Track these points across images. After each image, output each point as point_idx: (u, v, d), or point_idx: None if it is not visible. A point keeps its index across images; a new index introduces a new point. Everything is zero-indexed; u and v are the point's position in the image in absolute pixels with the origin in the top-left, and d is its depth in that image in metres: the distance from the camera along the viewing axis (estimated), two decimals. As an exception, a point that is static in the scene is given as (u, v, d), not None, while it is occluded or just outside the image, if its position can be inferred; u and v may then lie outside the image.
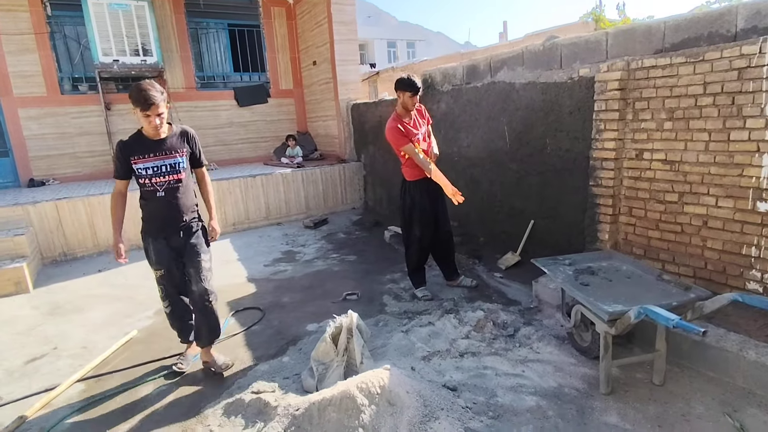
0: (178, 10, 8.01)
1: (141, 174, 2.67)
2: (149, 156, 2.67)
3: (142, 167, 2.66)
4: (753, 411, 2.24)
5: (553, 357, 2.85)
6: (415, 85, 3.57)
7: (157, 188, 2.70)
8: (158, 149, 2.69)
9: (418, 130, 3.70)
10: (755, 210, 2.78)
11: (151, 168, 2.67)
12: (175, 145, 2.74)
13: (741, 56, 2.71)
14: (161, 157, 2.69)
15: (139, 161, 2.65)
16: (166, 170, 2.70)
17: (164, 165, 2.69)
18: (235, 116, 8.71)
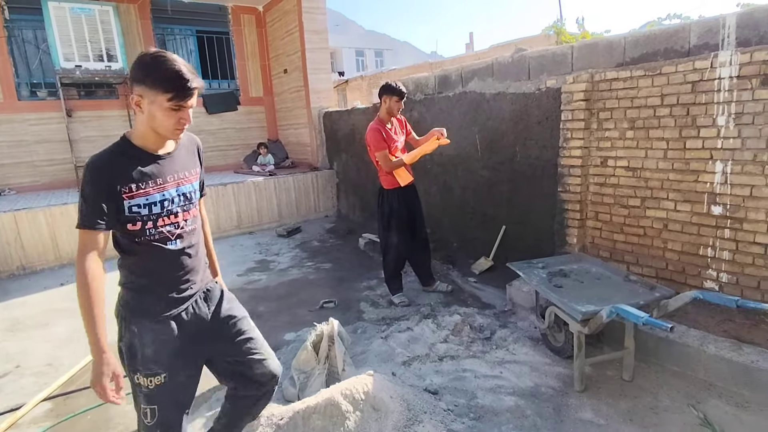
0: (144, 16, 7.84)
1: (136, 216, 1.51)
2: (153, 183, 1.53)
3: (143, 203, 1.51)
4: (714, 402, 2.39)
5: (529, 358, 2.95)
6: (401, 91, 3.68)
7: (168, 236, 1.60)
8: (167, 171, 1.58)
9: (397, 139, 3.78)
10: (710, 213, 2.97)
11: (158, 203, 1.55)
12: (187, 163, 1.69)
13: (694, 70, 2.91)
14: (172, 184, 1.60)
15: (135, 194, 1.49)
16: (179, 204, 1.62)
17: (177, 196, 1.61)
18: (204, 124, 8.56)
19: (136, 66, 1.45)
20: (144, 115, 1.47)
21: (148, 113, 1.46)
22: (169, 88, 1.43)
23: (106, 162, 1.47)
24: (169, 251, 1.61)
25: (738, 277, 2.90)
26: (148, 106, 1.45)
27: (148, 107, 1.45)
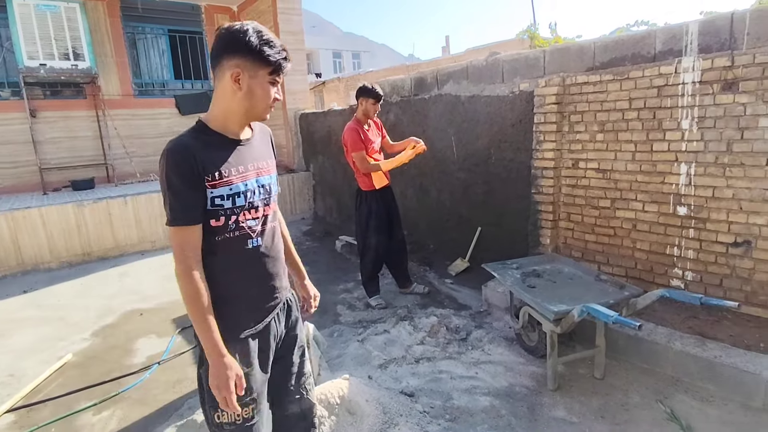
0: (113, 14, 7.63)
1: (219, 210, 1.32)
2: (235, 171, 1.35)
3: (226, 193, 1.32)
4: (681, 397, 2.46)
5: (504, 358, 2.98)
6: (377, 93, 3.70)
7: (249, 233, 1.39)
8: (247, 158, 1.40)
9: (374, 141, 3.78)
10: (676, 214, 3.07)
11: (242, 194, 1.35)
12: (264, 152, 1.49)
13: (660, 75, 3.01)
14: (253, 173, 1.40)
15: (218, 183, 1.30)
16: (260, 196, 1.42)
17: (258, 188, 1.41)
18: (177, 125, 8.36)
19: (233, 38, 1.27)
20: (241, 93, 1.29)
21: (247, 89, 1.29)
22: (272, 60, 1.28)
23: (187, 146, 1.27)
24: (251, 251, 1.39)
25: (702, 275, 3.00)
26: (248, 81, 1.28)
27: (248, 82, 1.28)
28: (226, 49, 1.27)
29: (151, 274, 5.21)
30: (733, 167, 2.78)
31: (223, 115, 1.35)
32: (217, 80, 1.32)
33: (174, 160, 1.25)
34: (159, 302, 4.36)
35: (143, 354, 3.36)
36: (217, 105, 1.35)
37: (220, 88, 1.32)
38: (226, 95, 1.31)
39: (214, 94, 1.35)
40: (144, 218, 6.08)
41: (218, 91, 1.32)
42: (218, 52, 1.29)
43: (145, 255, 5.97)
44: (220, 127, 1.35)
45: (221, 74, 1.29)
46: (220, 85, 1.31)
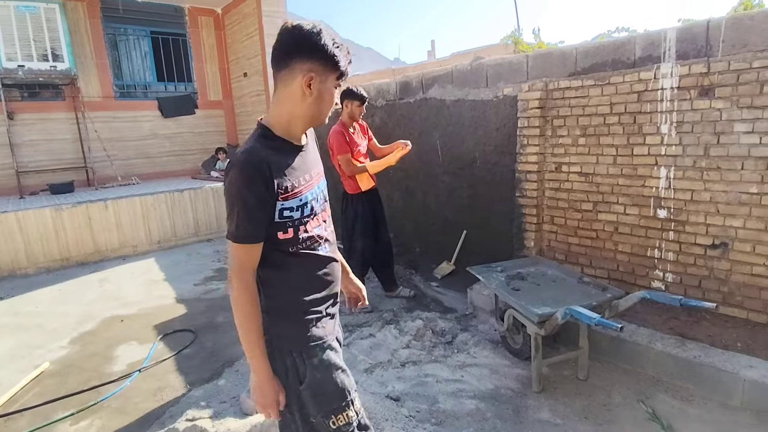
0: (94, 15, 7.50)
1: (287, 222, 1.27)
2: (303, 180, 1.30)
3: (296, 205, 1.27)
4: (662, 397, 2.50)
5: (489, 360, 2.99)
6: (362, 96, 3.70)
7: (318, 240, 1.35)
8: (310, 165, 1.36)
9: (360, 144, 3.78)
10: (656, 216, 3.13)
11: (309, 203, 1.31)
12: (317, 157, 1.46)
13: (639, 81, 3.07)
14: (316, 179, 1.38)
15: (289, 195, 1.25)
16: (320, 203, 1.39)
17: (319, 193, 1.39)
18: (160, 128, 8.27)
19: (307, 40, 1.19)
20: (311, 98, 1.24)
21: (318, 95, 1.24)
22: (341, 66, 1.25)
23: (262, 160, 1.19)
24: (323, 258, 1.36)
25: (682, 277, 3.06)
26: (318, 85, 1.23)
27: (318, 87, 1.23)
28: (299, 51, 1.20)
29: (133, 280, 5.11)
30: (710, 171, 2.84)
31: (287, 120, 1.28)
32: (281, 82, 1.24)
33: (249, 175, 1.17)
34: (141, 308, 4.28)
35: (124, 361, 3.29)
36: (281, 108, 1.27)
37: (286, 92, 1.24)
38: (295, 99, 1.24)
39: (276, 97, 1.27)
40: (125, 222, 5.97)
41: (283, 94, 1.25)
42: (288, 52, 1.21)
43: (126, 260, 5.86)
44: (284, 132, 1.29)
45: (290, 76, 1.22)
46: (286, 88, 1.24)
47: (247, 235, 1.21)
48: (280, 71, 1.23)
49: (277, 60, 1.24)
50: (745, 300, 2.81)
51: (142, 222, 6.11)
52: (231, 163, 1.20)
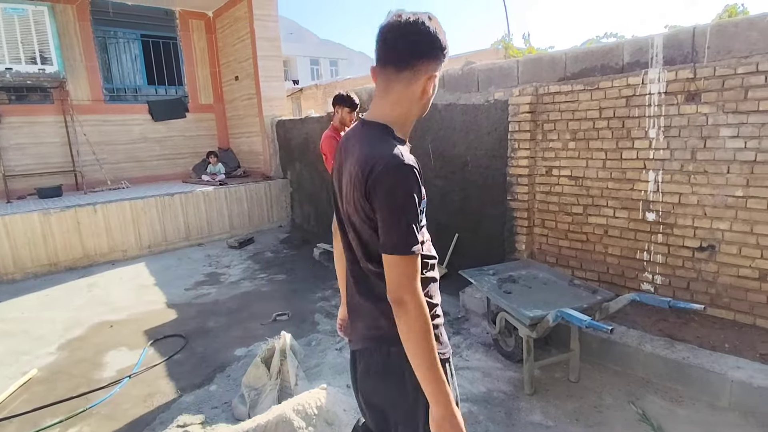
0: (83, 17, 7.44)
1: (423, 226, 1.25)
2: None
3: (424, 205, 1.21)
4: (651, 398, 2.53)
5: (481, 363, 3.00)
6: (353, 102, 3.73)
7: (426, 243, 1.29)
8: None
9: (351, 148, 3.79)
10: (645, 219, 3.17)
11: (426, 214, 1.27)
12: None
13: (628, 86, 3.11)
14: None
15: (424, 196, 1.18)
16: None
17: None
18: (150, 131, 8.20)
19: (433, 40, 1.12)
20: (426, 97, 1.18)
21: (431, 93, 1.19)
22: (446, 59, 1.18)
23: (413, 159, 1.11)
24: (432, 264, 1.29)
25: (670, 279, 3.10)
26: (433, 83, 1.17)
27: (431, 85, 1.17)
28: (431, 50, 1.13)
29: (123, 285, 5.05)
30: (697, 174, 2.89)
31: (403, 121, 1.20)
32: (401, 83, 1.15)
33: (416, 179, 1.08)
34: (130, 313, 4.23)
35: (113, 367, 3.25)
36: (397, 108, 1.18)
37: (405, 91, 1.16)
38: (413, 98, 1.17)
39: (393, 97, 1.17)
40: (115, 226, 5.91)
41: (401, 94, 1.16)
42: (415, 54, 1.13)
43: (116, 264, 5.79)
44: (401, 132, 1.20)
45: (414, 78, 1.14)
46: (407, 88, 1.15)
47: (417, 244, 1.09)
48: (402, 71, 1.14)
49: (400, 60, 1.14)
50: (732, 301, 2.86)
51: (132, 226, 6.05)
52: (391, 167, 1.06)
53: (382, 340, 1.21)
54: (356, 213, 1.15)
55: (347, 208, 1.20)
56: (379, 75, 1.18)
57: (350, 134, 1.28)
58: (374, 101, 1.22)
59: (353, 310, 1.33)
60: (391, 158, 1.07)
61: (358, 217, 1.16)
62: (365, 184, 1.09)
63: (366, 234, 1.16)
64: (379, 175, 1.06)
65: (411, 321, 1.06)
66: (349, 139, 1.26)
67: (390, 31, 1.12)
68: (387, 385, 1.22)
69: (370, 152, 1.10)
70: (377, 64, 1.18)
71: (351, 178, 1.14)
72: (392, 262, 1.08)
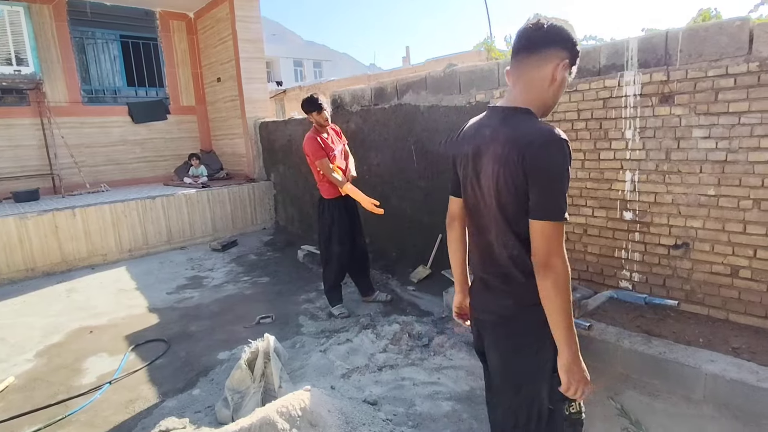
0: (60, 18, 7.30)
1: None
2: None
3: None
4: (630, 393, 2.59)
5: (465, 362, 3.03)
6: (316, 102, 3.65)
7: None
8: None
9: (335, 147, 3.79)
10: (622, 218, 3.24)
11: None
12: None
13: (605, 88, 3.19)
14: None
15: None
16: None
17: None
18: (130, 133, 8.08)
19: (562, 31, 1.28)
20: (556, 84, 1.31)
21: (561, 81, 1.31)
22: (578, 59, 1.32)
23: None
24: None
25: (647, 276, 3.18)
26: (563, 73, 1.29)
27: (563, 74, 1.30)
28: (560, 40, 1.28)
29: (103, 289, 4.97)
30: (671, 174, 2.97)
31: (537, 106, 1.33)
32: (529, 67, 1.30)
33: (570, 153, 1.23)
34: (111, 318, 4.16)
35: (93, 374, 3.20)
36: (530, 93, 1.32)
37: (536, 77, 1.30)
38: (544, 84, 1.30)
39: (522, 81, 1.32)
40: (94, 230, 5.81)
41: (531, 79, 1.31)
42: (545, 39, 1.28)
43: (95, 269, 5.69)
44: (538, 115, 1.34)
45: (543, 62, 1.28)
46: (537, 73, 1.29)
47: (566, 212, 1.24)
48: (531, 56, 1.29)
49: (530, 46, 1.29)
50: (706, 297, 2.94)
51: (112, 230, 5.95)
52: (551, 141, 1.20)
53: (522, 307, 1.35)
54: (505, 190, 1.27)
55: (488, 188, 1.32)
56: (512, 67, 1.34)
57: (480, 122, 1.43)
58: (508, 91, 1.38)
59: (485, 286, 1.46)
60: (549, 134, 1.21)
61: (506, 194, 1.28)
62: (522, 158, 1.21)
63: (512, 209, 1.29)
64: (540, 149, 1.20)
65: (559, 281, 1.20)
66: (480, 126, 1.40)
67: (526, 29, 1.30)
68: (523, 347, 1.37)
69: (525, 130, 1.24)
70: (512, 60, 1.34)
71: (499, 156, 1.27)
72: (544, 227, 1.20)
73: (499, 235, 1.35)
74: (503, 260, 1.36)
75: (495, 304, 1.43)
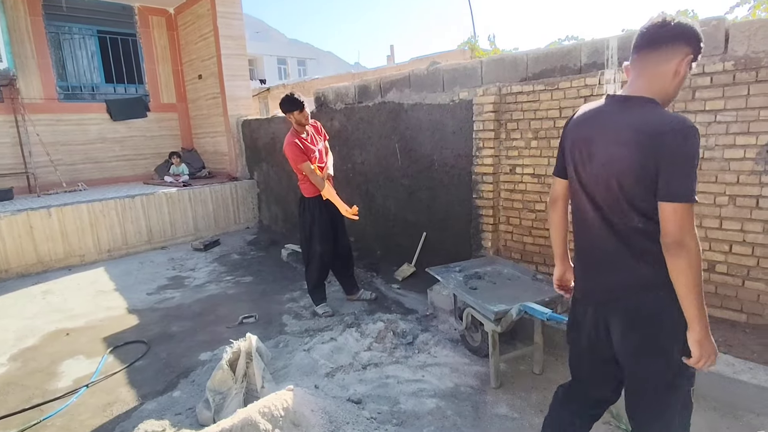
0: (35, 12, 7.09)
1: None
2: None
3: None
4: (611, 387, 2.62)
5: (449, 359, 3.04)
6: (297, 101, 3.57)
7: None
8: None
9: (315, 146, 3.75)
10: (604, 215, 3.28)
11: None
12: None
13: (585, 86, 3.22)
14: None
15: None
16: None
17: None
18: (108, 131, 7.90)
19: (687, 25, 1.35)
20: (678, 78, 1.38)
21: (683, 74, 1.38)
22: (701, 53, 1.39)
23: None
24: None
25: (628, 272, 3.22)
26: (685, 68, 1.37)
27: (685, 69, 1.37)
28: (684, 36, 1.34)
29: (80, 291, 4.84)
30: (650, 171, 3.01)
31: (661, 97, 1.40)
32: (655, 61, 1.37)
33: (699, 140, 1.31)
34: (88, 320, 4.06)
35: (69, 377, 3.11)
36: (655, 85, 1.39)
37: (660, 70, 1.37)
38: (667, 77, 1.38)
39: (647, 73, 1.39)
40: (71, 231, 5.66)
41: (656, 72, 1.38)
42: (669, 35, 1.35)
43: (72, 270, 5.55)
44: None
45: (667, 56, 1.35)
46: (662, 66, 1.37)
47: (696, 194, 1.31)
48: (656, 51, 1.37)
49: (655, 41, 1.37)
50: (684, 292, 2.99)
51: (90, 230, 5.81)
52: (685, 128, 1.28)
53: (649, 286, 1.41)
54: (630, 172, 1.35)
55: (610, 170, 1.40)
56: (635, 61, 1.42)
57: (599, 108, 1.49)
58: (630, 81, 1.44)
59: (599, 266, 1.53)
60: (684, 122, 1.29)
61: (631, 176, 1.35)
62: (655, 144, 1.29)
63: (635, 191, 1.36)
64: (676, 136, 1.27)
65: (692, 259, 1.27)
66: (600, 113, 1.48)
67: (652, 25, 1.38)
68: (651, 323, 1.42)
69: (659, 119, 1.32)
70: (634, 54, 1.43)
71: (626, 141, 1.35)
72: (677, 209, 1.28)
73: (617, 214, 1.42)
74: (620, 238, 1.43)
75: (609, 284, 1.50)
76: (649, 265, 1.39)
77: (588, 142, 1.47)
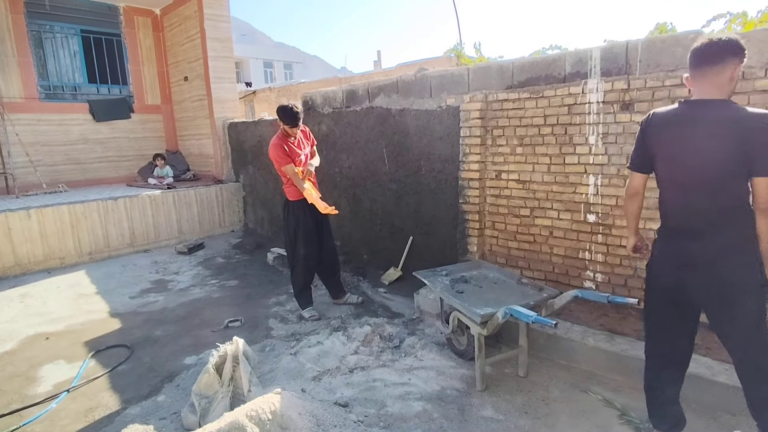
0: (16, 10, 6.96)
1: None
2: None
3: None
4: (595, 388, 2.68)
5: (435, 362, 3.06)
6: (296, 117, 3.59)
7: None
8: None
9: (302, 151, 3.75)
10: (586, 221, 3.36)
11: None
12: None
13: (569, 95, 3.30)
14: None
15: None
16: None
17: None
18: (91, 132, 7.78)
19: (733, 40, 1.72)
20: (734, 80, 1.76)
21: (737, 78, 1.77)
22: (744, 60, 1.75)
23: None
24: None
25: (610, 277, 3.30)
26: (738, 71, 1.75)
27: (737, 72, 1.75)
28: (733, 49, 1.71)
29: (60, 294, 4.74)
30: (632, 178, 3.09)
31: (726, 97, 1.77)
32: (715, 72, 1.74)
33: None
34: (69, 324, 3.98)
35: (49, 382, 3.05)
36: (723, 90, 1.76)
37: (720, 79, 1.74)
38: (724, 82, 1.75)
39: (711, 83, 1.75)
40: (51, 233, 5.54)
41: (717, 81, 1.75)
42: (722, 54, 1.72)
43: (52, 273, 5.43)
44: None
45: (723, 68, 1.73)
46: (722, 76, 1.74)
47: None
48: (715, 65, 1.73)
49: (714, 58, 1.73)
50: (664, 296, 3.07)
51: (71, 232, 5.70)
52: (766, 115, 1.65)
53: (748, 243, 1.75)
54: (725, 157, 1.70)
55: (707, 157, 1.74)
56: (696, 75, 1.80)
57: (679, 111, 1.85)
58: (697, 89, 1.81)
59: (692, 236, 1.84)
60: (765, 114, 1.65)
61: (726, 160, 1.70)
62: (749, 132, 1.65)
63: (732, 176, 1.72)
64: (762, 126, 1.63)
65: None
66: (682, 114, 1.83)
67: (704, 46, 1.75)
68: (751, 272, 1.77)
69: (746, 113, 1.68)
70: (694, 70, 1.80)
71: (726, 133, 1.69)
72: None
73: (713, 193, 1.76)
74: (717, 212, 1.77)
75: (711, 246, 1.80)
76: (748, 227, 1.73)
77: (681, 137, 1.80)
